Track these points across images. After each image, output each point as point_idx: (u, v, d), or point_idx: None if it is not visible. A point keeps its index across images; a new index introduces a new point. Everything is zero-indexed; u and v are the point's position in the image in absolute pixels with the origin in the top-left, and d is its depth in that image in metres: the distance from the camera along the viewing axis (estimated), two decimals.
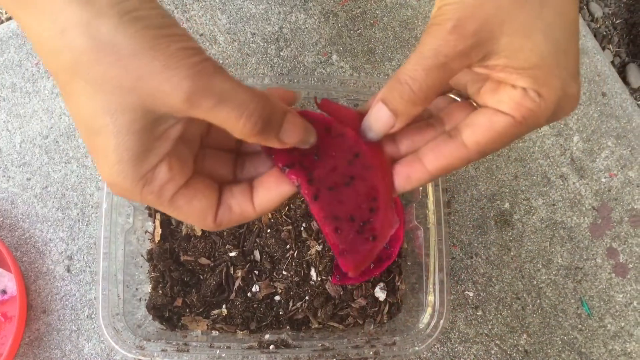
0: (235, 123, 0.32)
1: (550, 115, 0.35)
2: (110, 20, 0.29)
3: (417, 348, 0.61)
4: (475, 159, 0.37)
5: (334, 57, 0.80)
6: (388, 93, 0.37)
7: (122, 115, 0.31)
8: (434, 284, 0.63)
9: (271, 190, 0.38)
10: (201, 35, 0.80)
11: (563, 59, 0.34)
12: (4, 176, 0.75)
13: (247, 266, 0.69)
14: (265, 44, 0.80)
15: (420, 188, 0.66)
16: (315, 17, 0.81)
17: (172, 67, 0.30)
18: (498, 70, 0.35)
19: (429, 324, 0.62)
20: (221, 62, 0.79)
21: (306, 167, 0.40)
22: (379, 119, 0.39)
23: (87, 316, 0.72)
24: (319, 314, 0.68)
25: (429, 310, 0.63)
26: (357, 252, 0.43)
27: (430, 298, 0.63)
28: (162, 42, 0.30)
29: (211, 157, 0.40)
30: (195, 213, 0.36)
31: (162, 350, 0.61)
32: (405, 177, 0.40)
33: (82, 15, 0.29)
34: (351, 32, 0.81)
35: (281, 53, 0.80)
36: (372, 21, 0.82)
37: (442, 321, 0.62)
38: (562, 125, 0.80)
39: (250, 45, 0.80)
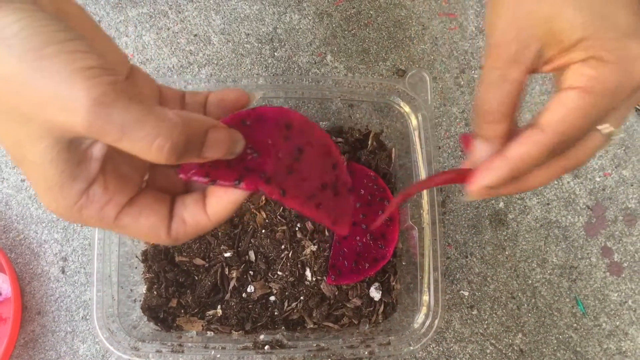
0: (146, 153, 0.29)
1: (621, 79, 0.34)
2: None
3: (412, 348, 0.61)
4: (555, 142, 0.35)
5: (329, 57, 0.80)
6: (474, 125, 0.38)
7: (34, 145, 0.29)
8: (429, 284, 0.63)
9: (222, 197, 0.36)
10: (195, 35, 0.80)
11: (607, 22, 0.34)
12: None
13: (242, 267, 0.69)
14: (260, 45, 0.80)
15: None
16: (310, 18, 0.81)
17: (66, 95, 0.27)
18: (558, 59, 0.36)
19: (423, 323, 0.62)
20: (215, 63, 0.79)
21: (254, 170, 0.37)
22: (478, 152, 0.39)
23: (82, 317, 0.72)
24: (314, 314, 0.68)
25: (424, 309, 0.63)
26: (345, 211, 0.43)
27: (425, 298, 0.63)
28: (54, 64, 0.27)
29: (162, 169, 0.38)
30: (144, 230, 0.34)
31: (157, 351, 0.61)
32: (485, 168, 0.37)
33: None
34: (345, 32, 0.81)
35: (275, 53, 0.80)
36: (366, 21, 0.82)
37: (437, 321, 0.62)
38: None
39: (245, 45, 0.80)
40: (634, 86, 0.34)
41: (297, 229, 0.70)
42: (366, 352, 0.61)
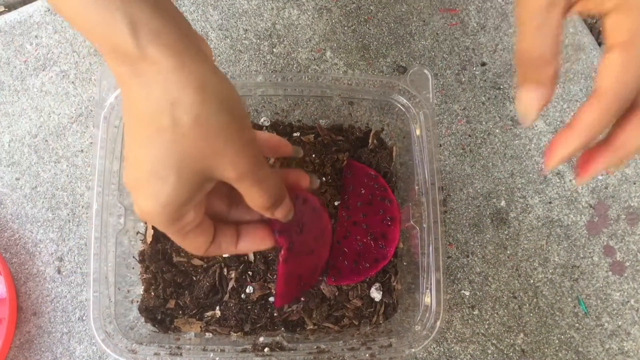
0: (257, 199, 0.43)
1: None
2: (211, 106, 0.37)
3: (413, 349, 0.61)
4: (614, 104, 0.36)
5: (328, 53, 0.79)
6: (522, 75, 0.39)
7: (187, 174, 0.38)
8: (430, 284, 0.62)
9: (256, 242, 0.49)
10: None
11: None
12: None
13: (240, 267, 0.68)
14: (258, 41, 0.79)
15: (417, 187, 0.65)
16: (309, 13, 0.80)
17: (242, 153, 0.39)
18: (588, 2, 0.37)
19: (425, 324, 0.61)
20: (213, 58, 0.78)
21: (289, 235, 0.52)
22: (530, 99, 0.39)
23: (79, 318, 0.71)
24: (314, 315, 0.67)
25: (426, 310, 0.62)
26: (291, 295, 0.61)
27: (427, 298, 0.62)
28: (239, 133, 0.39)
29: (211, 198, 0.48)
30: (196, 245, 0.45)
31: (155, 353, 0.60)
32: (559, 142, 0.39)
33: (192, 98, 0.37)
34: (345, 28, 0.80)
35: (274, 50, 0.79)
36: (366, 17, 0.80)
37: (438, 322, 0.61)
38: (558, 122, 0.79)
39: (243, 41, 0.79)
40: None
41: None
42: (367, 355, 0.61)
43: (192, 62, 0.37)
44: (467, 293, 0.74)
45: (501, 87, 0.79)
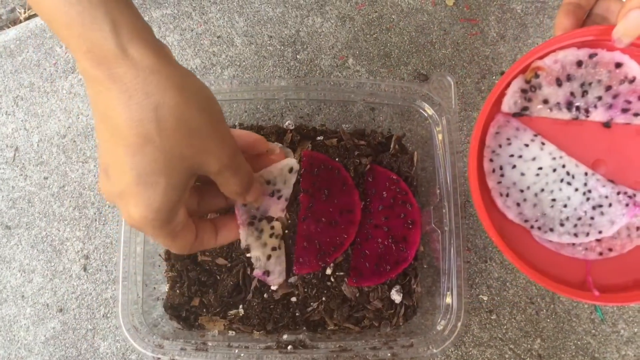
0: (233, 186, 0.44)
1: None
2: (193, 105, 0.38)
3: (435, 350, 0.62)
4: None
5: (350, 60, 0.81)
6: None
7: (177, 175, 0.39)
8: (452, 286, 0.63)
9: (233, 231, 0.52)
10: (219, 37, 0.81)
11: None
12: (22, 175, 0.76)
13: None
14: (282, 47, 0.81)
15: (438, 191, 0.66)
16: (332, 21, 0.82)
17: (223, 146, 0.41)
18: None
19: (446, 326, 0.62)
20: (238, 64, 0.80)
21: (312, 197, 0.58)
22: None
23: (103, 315, 0.73)
24: (335, 316, 0.68)
25: (446, 313, 0.63)
26: (307, 266, 0.66)
27: (448, 300, 0.63)
28: (218, 128, 0.41)
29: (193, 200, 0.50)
30: (184, 243, 0.45)
31: (182, 349, 0.61)
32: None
33: (176, 100, 0.37)
34: (367, 36, 0.82)
35: (298, 56, 0.81)
36: (388, 25, 0.82)
37: (459, 324, 0.62)
38: None
39: (267, 48, 0.81)
40: None
41: None
42: (389, 354, 0.62)
43: (168, 63, 0.38)
44: (485, 298, 0.75)
45: None
